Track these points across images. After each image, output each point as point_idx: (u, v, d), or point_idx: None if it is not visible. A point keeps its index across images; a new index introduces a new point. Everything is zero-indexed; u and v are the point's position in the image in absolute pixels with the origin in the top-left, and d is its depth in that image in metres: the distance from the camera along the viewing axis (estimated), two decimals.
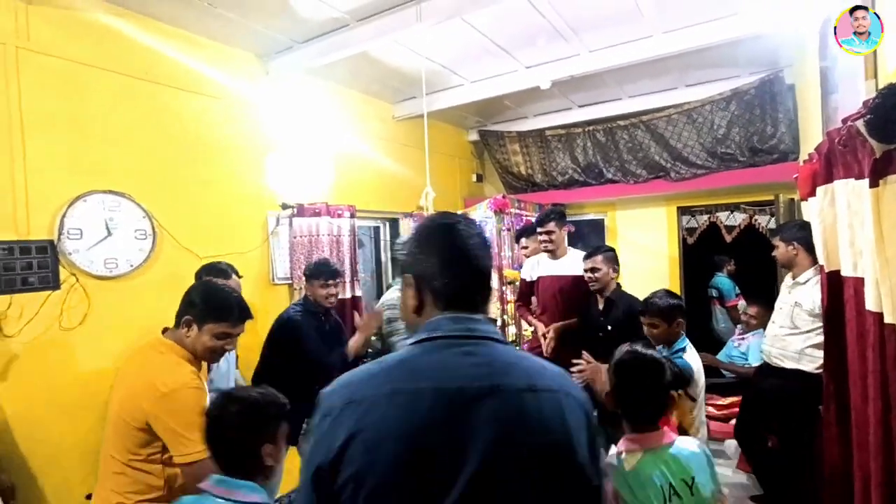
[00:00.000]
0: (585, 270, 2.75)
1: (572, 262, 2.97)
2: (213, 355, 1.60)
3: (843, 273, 1.72)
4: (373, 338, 2.95)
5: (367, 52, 3.25)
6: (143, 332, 1.97)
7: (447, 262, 0.84)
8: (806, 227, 2.52)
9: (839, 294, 1.80)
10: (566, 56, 3.48)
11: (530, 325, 3.20)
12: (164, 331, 1.63)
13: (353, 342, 2.61)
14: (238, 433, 1.25)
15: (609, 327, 2.70)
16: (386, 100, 4.32)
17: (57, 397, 2.28)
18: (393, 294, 3.06)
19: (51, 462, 2.24)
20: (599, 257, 2.71)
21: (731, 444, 3.27)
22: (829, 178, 1.73)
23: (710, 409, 3.56)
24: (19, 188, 2.19)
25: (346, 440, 0.71)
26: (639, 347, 1.47)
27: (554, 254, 3.02)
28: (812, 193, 1.99)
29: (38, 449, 2.21)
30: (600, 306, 2.78)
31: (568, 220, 5.16)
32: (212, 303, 1.57)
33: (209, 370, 1.96)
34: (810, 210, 2.16)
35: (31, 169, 2.23)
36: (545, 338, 2.92)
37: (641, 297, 2.72)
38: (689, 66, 3.79)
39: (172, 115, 2.77)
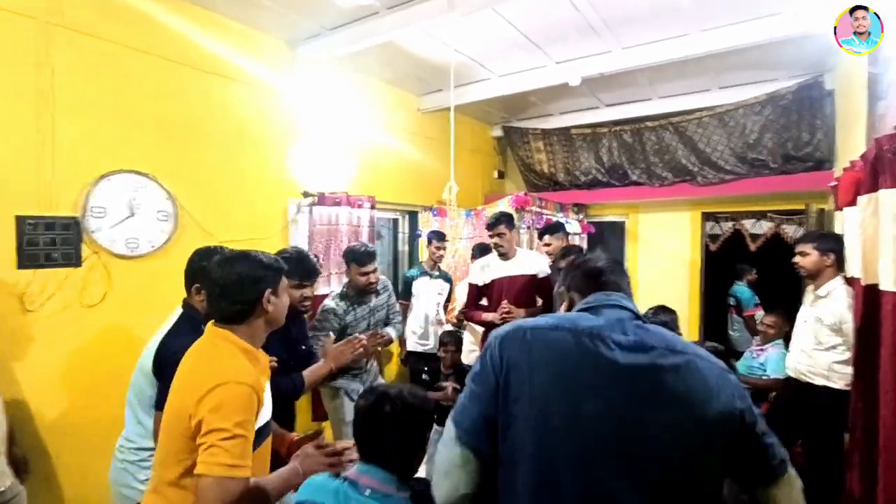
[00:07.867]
0: None
1: (523, 262, 3.01)
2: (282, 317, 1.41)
3: (883, 287, 1.65)
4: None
5: (395, 42, 3.21)
6: (160, 312, 1.89)
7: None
8: (840, 239, 2.43)
9: (875, 309, 1.73)
10: (598, 52, 3.40)
11: (483, 322, 3.03)
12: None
13: (314, 371, 2.02)
14: (403, 437, 1.22)
15: None
16: (411, 91, 4.28)
17: (74, 374, 2.28)
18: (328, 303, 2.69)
19: (64, 437, 2.24)
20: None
21: None
22: (873, 187, 1.66)
23: None
24: (46, 164, 2.19)
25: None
26: None
27: (506, 256, 3.03)
28: (852, 202, 1.91)
29: (52, 424, 2.21)
30: None
31: (588, 221, 5.13)
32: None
33: None
34: (848, 219, 2.08)
35: (60, 146, 2.23)
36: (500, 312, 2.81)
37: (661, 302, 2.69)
38: (725, 67, 3.68)
39: (199, 98, 2.76)
